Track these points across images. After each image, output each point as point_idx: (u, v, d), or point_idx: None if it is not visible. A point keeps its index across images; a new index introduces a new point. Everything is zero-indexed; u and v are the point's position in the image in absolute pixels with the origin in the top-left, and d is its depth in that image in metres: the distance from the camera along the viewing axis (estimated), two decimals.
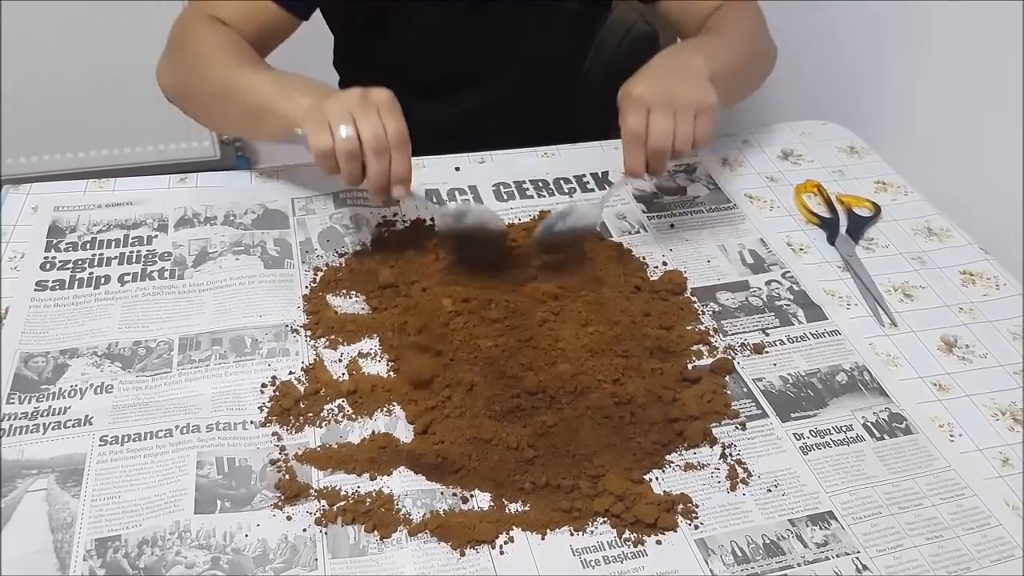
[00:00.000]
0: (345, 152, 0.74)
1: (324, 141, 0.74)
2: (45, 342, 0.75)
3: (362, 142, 0.74)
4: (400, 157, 0.75)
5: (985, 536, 0.65)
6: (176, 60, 0.95)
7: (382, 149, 0.74)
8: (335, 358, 0.75)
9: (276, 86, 0.83)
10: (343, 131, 0.73)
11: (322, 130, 0.74)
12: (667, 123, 0.79)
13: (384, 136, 0.74)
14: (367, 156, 0.74)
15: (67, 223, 0.88)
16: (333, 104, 0.75)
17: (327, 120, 0.74)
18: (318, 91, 0.80)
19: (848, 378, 0.77)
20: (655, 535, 0.63)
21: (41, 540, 0.60)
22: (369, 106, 0.75)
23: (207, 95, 0.91)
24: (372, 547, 0.61)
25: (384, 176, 0.75)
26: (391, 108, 0.76)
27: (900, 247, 0.94)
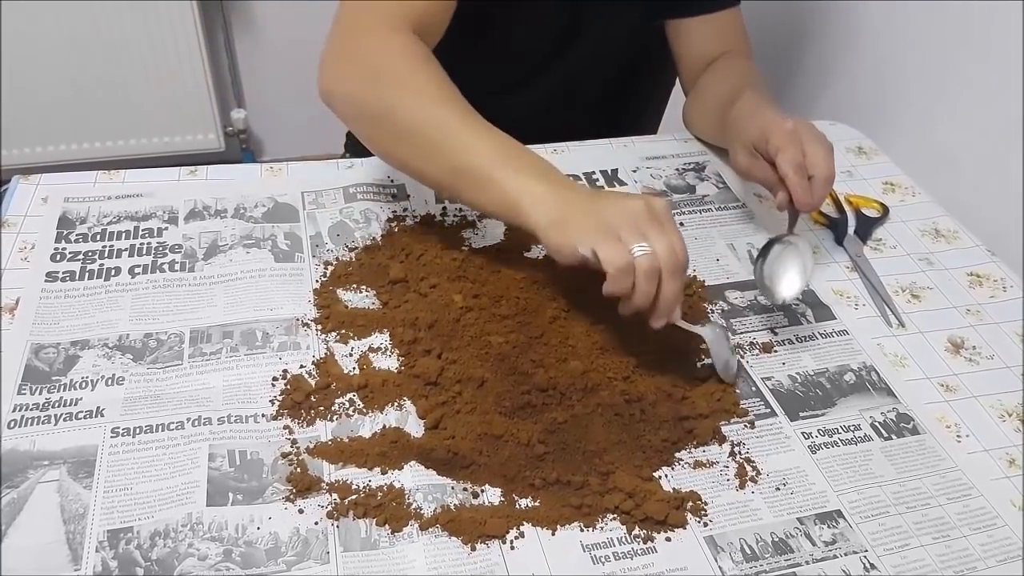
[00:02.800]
0: (647, 272, 0.66)
1: (621, 257, 0.66)
2: (56, 333, 0.75)
3: (661, 260, 0.66)
4: (682, 279, 0.68)
5: (991, 536, 0.65)
6: (359, 68, 0.80)
7: (679, 268, 0.67)
8: (346, 352, 0.76)
9: (501, 155, 0.73)
10: (638, 249, 0.66)
11: (613, 245, 0.66)
12: (827, 156, 0.81)
13: (681, 253, 0.67)
14: (664, 276, 0.66)
15: (77, 214, 0.88)
16: (617, 215, 0.67)
17: (617, 234, 0.66)
18: (547, 176, 0.72)
19: (856, 378, 0.77)
20: (665, 532, 0.63)
21: (53, 531, 0.60)
22: (656, 220, 0.67)
23: (403, 133, 0.77)
24: (383, 541, 0.61)
25: (680, 298, 0.69)
26: (673, 222, 0.69)
27: (908, 248, 0.94)
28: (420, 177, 0.80)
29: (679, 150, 1.07)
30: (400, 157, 0.80)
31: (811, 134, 0.83)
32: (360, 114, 0.81)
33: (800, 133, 0.82)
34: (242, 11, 2.16)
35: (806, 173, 0.81)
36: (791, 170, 0.80)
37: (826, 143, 0.83)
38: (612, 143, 1.08)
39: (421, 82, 0.77)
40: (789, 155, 0.81)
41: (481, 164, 0.73)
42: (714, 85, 1.05)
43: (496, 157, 0.73)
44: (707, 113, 1.04)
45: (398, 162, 0.81)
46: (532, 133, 1.06)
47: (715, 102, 1.00)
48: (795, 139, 0.82)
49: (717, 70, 1.07)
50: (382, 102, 0.78)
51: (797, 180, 0.80)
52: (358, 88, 0.80)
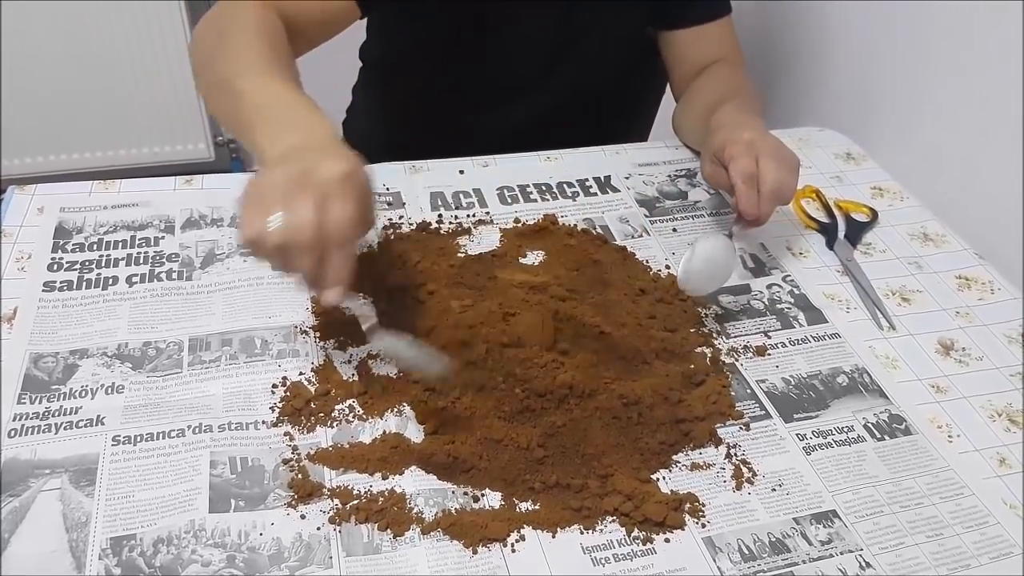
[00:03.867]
0: (273, 246, 0.61)
1: (251, 228, 0.61)
2: (54, 343, 0.75)
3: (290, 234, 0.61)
4: (335, 256, 0.62)
5: (984, 534, 0.66)
6: (208, 27, 0.88)
7: (308, 245, 0.61)
8: (344, 359, 0.76)
9: (268, 107, 0.73)
10: (271, 219, 0.60)
11: (253, 212, 0.62)
12: (778, 170, 0.82)
13: (311, 230, 0.60)
14: (292, 251, 0.61)
15: (73, 224, 0.88)
16: (272, 180, 0.62)
17: (262, 198, 0.62)
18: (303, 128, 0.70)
19: (849, 380, 0.78)
20: (663, 533, 0.64)
21: (56, 539, 0.60)
22: (309, 187, 0.61)
23: (211, 79, 0.82)
24: (386, 545, 0.62)
25: (312, 275, 0.63)
26: (338, 191, 0.62)
27: (897, 252, 0.95)
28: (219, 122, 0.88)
29: (671, 156, 1.08)
30: (210, 103, 0.85)
31: (768, 149, 0.84)
32: (198, 65, 0.87)
33: (756, 146, 0.84)
34: None
35: (755, 184, 0.82)
36: (739, 179, 0.82)
37: (786, 161, 0.84)
38: (604, 150, 1.09)
39: (245, 45, 0.81)
40: (740, 165, 0.83)
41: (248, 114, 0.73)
42: (701, 93, 1.07)
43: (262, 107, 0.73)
44: (692, 121, 1.05)
45: (209, 108, 0.87)
46: (525, 142, 1.07)
47: (700, 110, 1.02)
48: (749, 150, 0.83)
49: (705, 78, 1.09)
50: (212, 60, 0.83)
51: (743, 189, 0.82)
52: (202, 43, 0.88)
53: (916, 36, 1.13)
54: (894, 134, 1.17)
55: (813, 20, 1.33)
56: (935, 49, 1.10)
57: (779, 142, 0.86)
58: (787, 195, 0.84)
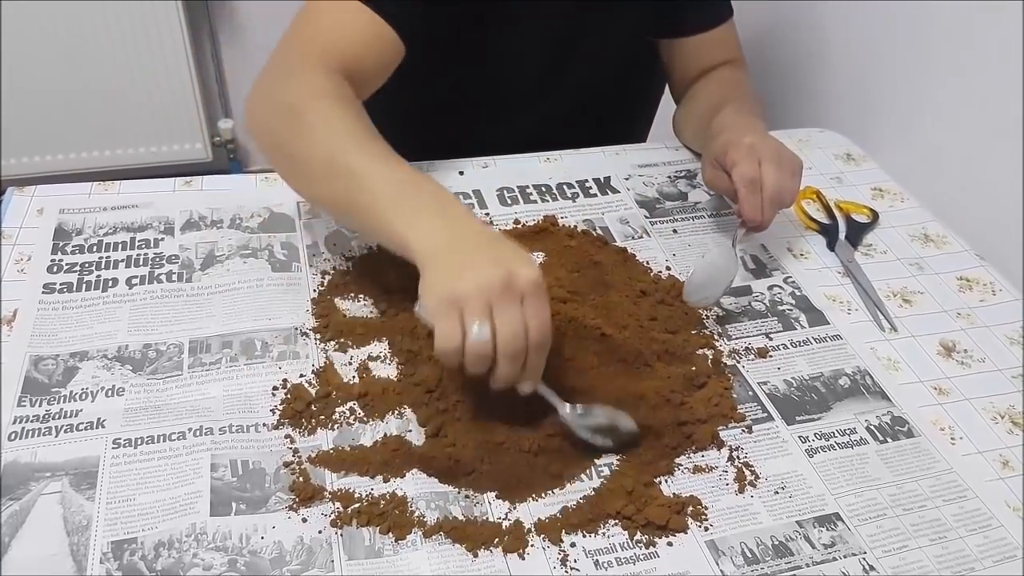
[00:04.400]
0: (476, 357, 0.61)
1: (453, 339, 0.60)
2: (54, 345, 0.75)
3: (497, 343, 0.61)
4: (536, 358, 0.63)
5: (987, 537, 0.66)
6: (276, 102, 0.80)
7: (520, 354, 0.61)
8: (345, 361, 0.76)
9: (396, 190, 0.69)
10: (476, 331, 0.60)
11: (451, 322, 0.61)
12: (779, 174, 0.82)
13: (524, 338, 0.61)
14: (500, 359, 0.61)
15: (73, 225, 0.88)
16: (468, 286, 0.61)
17: (459, 309, 0.61)
18: (445, 214, 0.68)
19: (851, 382, 0.78)
20: (666, 537, 0.64)
21: (57, 543, 0.60)
22: (513, 296, 0.61)
23: (307, 164, 0.76)
24: (387, 549, 0.62)
25: (514, 378, 0.63)
26: (538, 297, 0.62)
27: (898, 253, 0.95)
28: (323, 208, 0.80)
29: (671, 158, 1.08)
30: (304, 188, 0.80)
31: (770, 153, 0.84)
32: (273, 146, 0.80)
33: (757, 150, 0.84)
34: (229, 21, 2.16)
35: (758, 189, 0.82)
36: (742, 184, 0.82)
37: (787, 164, 0.84)
38: (604, 151, 1.08)
39: (326, 115, 0.76)
40: (742, 170, 0.83)
41: (373, 199, 0.70)
42: (702, 96, 1.06)
43: (388, 191, 0.69)
44: (694, 123, 1.05)
45: (303, 192, 0.81)
46: (525, 144, 1.07)
47: (701, 113, 1.02)
48: (751, 154, 0.83)
49: (707, 81, 1.09)
50: (291, 136, 0.77)
51: (746, 194, 0.82)
52: (273, 122, 0.80)
53: (916, 37, 1.13)
54: (894, 135, 1.16)
55: (813, 21, 1.33)
56: (935, 50, 1.10)
57: (781, 145, 0.86)
58: (789, 199, 0.84)
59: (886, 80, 1.19)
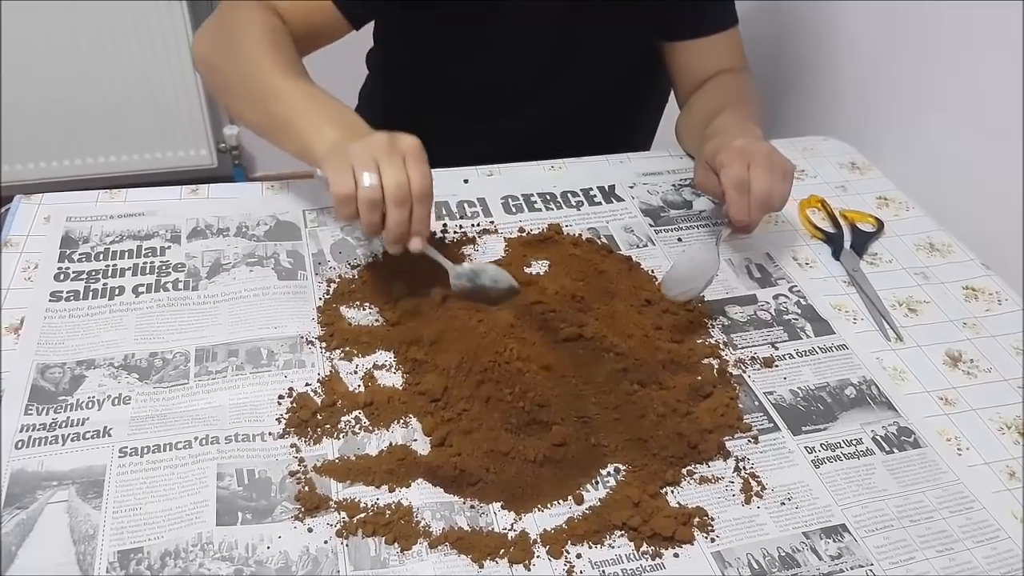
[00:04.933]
0: (367, 200, 0.71)
1: (346, 187, 0.71)
2: (61, 353, 0.75)
3: (384, 191, 0.71)
4: (421, 209, 0.73)
5: (995, 548, 0.66)
6: (217, 35, 0.93)
7: (404, 199, 0.71)
8: (350, 370, 0.76)
9: (307, 106, 0.81)
10: (366, 178, 0.71)
11: (344, 175, 0.72)
12: (768, 177, 0.83)
13: (407, 186, 0.71)
14: (388, 206, 0.71)
15: (80, 233, 0.88)
16: (358, 148, 0.73)
17: (350, 164, 0.72)
18: (346, 125, 0.79)
19: (857, 392, 0.78)
20: (673, 548, 0.64)
21: (64, 552, 0.60)
22: (395, 153, 0.72)
23: (237, 83, 0.88)
24: (393, 559, 0.62)
25: (403, 227, 0.73)
26: (418, 157, 0.73)
27: (903, 262, 0.95)
28: (248, 125, 0.89)
29: (675, 166, 1.08)
30: (234, 108, 0.90)
31: (759, 155, 0.84)
32: (210, 71, 0.93)
33: (747, 152, 0.84)
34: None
35: (746, 191, 0.82)
36: (729, 185, 0.83)
37: (778, 168, 0.84)
38: (609, 159, 1.09)
39: (255, 41, 0.87)
40: (731, 172, 0.83)
41: (286, 111, 0.82)
42: (702, 102, 1.07)
43: (298, 104, 0.82)
44: (692, 129, 1.06)
45: (235, 113, 0.91)
46: (528, 150, 1.07)
47: (700, 118, 1.02)
48: (741, 157, 0.84)
49: (708, 87, 1.09)
50: (227, 61, 0.90)
51: (734, 196, 0.83)
52: (212, 50, 0.93)
53: (922, 46, 1.13)
54: (899, 144, 1.16)
55: (818, 29, 1.33)
56: (941, 59, 1.10)
57: (772, 149, 0.86)
58: (777, 202, 0.84)
59: (891, 89, 1.19)
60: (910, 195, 1.06)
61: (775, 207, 0.85)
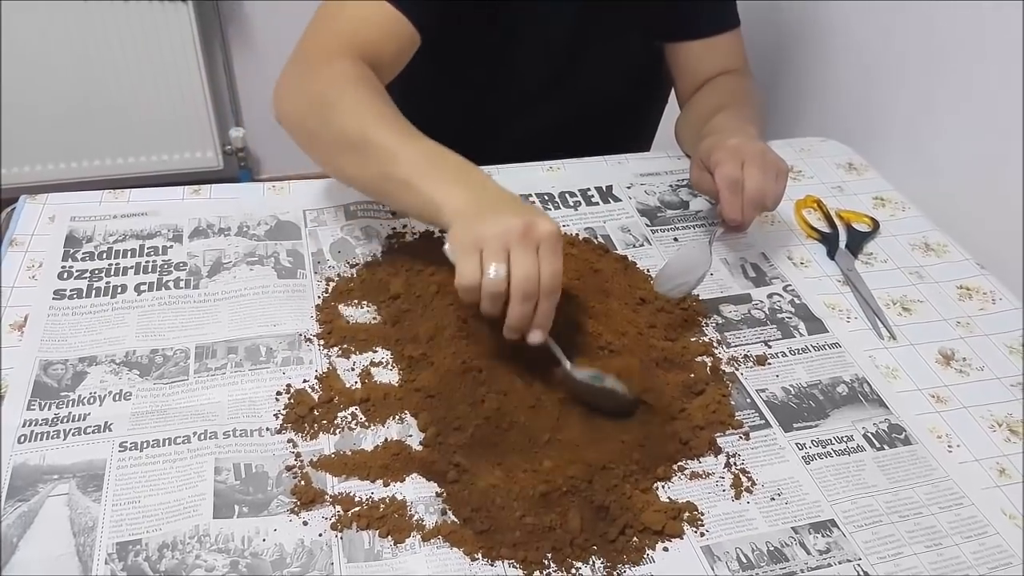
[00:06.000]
0: (490, 294, 0.67)
1: (471, 276, 0.67)
2: (64, 350, 0.76)
3: (511, 282, 0.66)
4: (546, 304, 0.68)
5: (983, 544, 0.67)
6: (306, 94, 0.86)
7: (531, 294, 0.66)
8: (348, 367, 0.77)
9: (428, 166, 0.76)
10: (493, 270, 0.66)
11: (471, 263, 0.67)
12: (761, 177, 0.83)
13: (536, 281, 0.66)
14: (512, 299, 0.66)
15: (83, 233, 0.90)
16: (491, 232, 0.67)
17: (480, 250, 0.67)
18: (473, 184, 0.74)
19: (849, 389, 0.79)
20: (662, 542, 0.65)
21: (64, 544, 0.61)
22: (530, 243, 0.67)
23: (341, 145, 0.82)
24: (386, 552, 0.63)
25: (525, 321, 0.68)
26: (553, 248, 0.68)
27: (898, 262, 0.96)
28: (356, 185, 0.84)
29: (673, 166, 1.09)
30: (337, 168, 0.85)
31: (753, 155, 0.85)
32: (303, 131, 0.86)
33: (741, 151, 0.85)
34: (240, 30, 2.19)
35: (739, 190, 0.83)
36: (723, 184, 0.84)
37: (771, 167, 0.85)
38: (607, 160, 1.09)
39: (355, 99, 0.82)
40: (724, 171, 0.84)
41: (406, 171, 0.75)
42: (701, 103, 1.08)
43: (419, 163, 0.76)
44: (690, 129, 1.06)
45: (337, 173, 0.86)
46: (529, 153, 1.08)
47: (698, 119, 1.03)
48: (735, 156, 0.85)
49: (708, 89, 1.10)
50: (321, 119, 0.83)
51: (727, 195, 0.84)
52: (302, 109, 0.86)
53: (919, 46, 1.13)
54: (896, 144, 1.17)
55: (816, 30, 1.34)
56: (938, 59, 1.11)
57: (766, 148, 0.87)
58: (770, 202, 0.85)
59: (889, 89, 1.19)
60: (907, 196, 1.07)
61: (768, 206, 0.86)
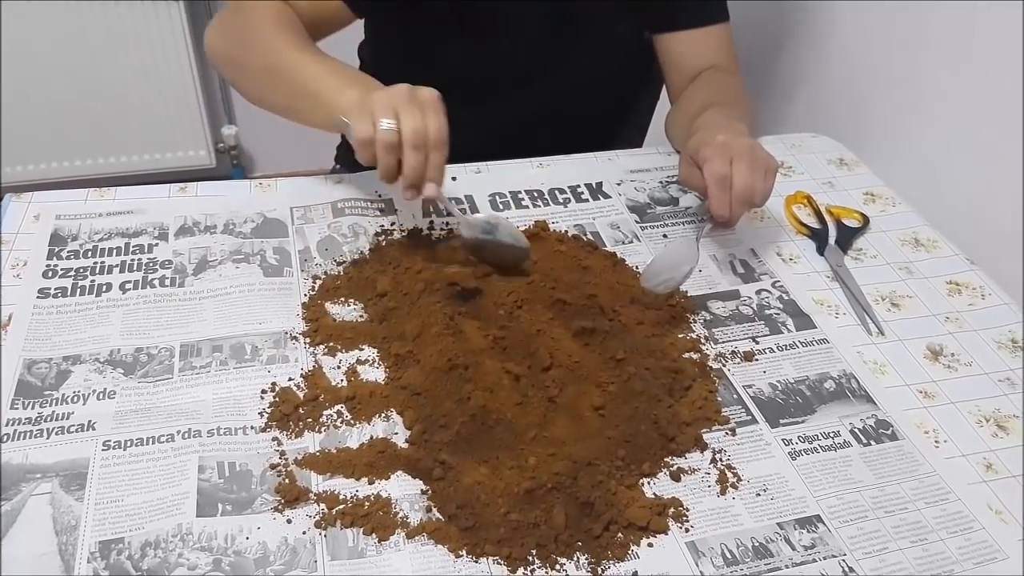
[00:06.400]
0: (384, 143, 0.76)
1: (366, 130, 0.76)
2: (48, 349, 0.76)
3: (402, 136, 0.75)
4: (436, 156, 0.77)
5: (968, 539, 0.67)
6: (230, 28, 0.98)
7: (420, 145, 0.76)
8: (334, 365, 0.77)
9: (329, 74, 0.86)
10: (384, 123, 0.75)
11: (365, 120, 0.77)
12: (750, 173, 0.83)
13: (424, 132, 0.76)
14: (405, 150, 0.76)
15: (69, 231, 0.89)
16: (380, 96, 0.78)
17: (371, 111, 0.77)
18: (368, 85, 0.83)
19: (836, 385, 0.79)
20: (647, 538, 0.64)
21: (46, 543, 0.61)
22: (415, 102, 0.77)
23: (257, 69, 0.93)
24: (370, 549, 0.62)
25: (419, 172, 0.77)
26: (436, 107, 0.78)
27: (888, 257, 0.96)
28: (273, 106, 0.94)
29: (663, 163, 1.09)
30: (258, 93, 0.95)
31: (742, 151, 0.85)
32: (229, 61, 0.98)
33: (730, 147, 0.84)
34: None
35: (727, 186, 0.83)
36: (711, 180, 0.84)
37: (760, 164, 0.85)
38: (597, 156, 1.09)
39: (274, 31, 0.92)
40: (713, 166, 0.84)
41: (312, 85, 0.86)
42: (690, 99, 1.07)
43: (322, 77, 0.86)
44: (680, 125, 1.06)
45: (258, 99, 0.96)
46: (517, 146, 1.07)
47: (687, 115, 1.03)
48: (723, 152, 0.84)
49: (697, 84, 1.09)
50: (245, 49, 0.95)
51: (715, 191, 0.84)
52: (228, 41, 0.98)
53: (910, 42, 1.13)
54: (887, 140, 1.17)
55: (806, 26, 1.34)
56: (929, 55, 1.10)
57: (754, 144, 0.87)
58: (759, 198, 0.85)
59: (880, 85, 1.19)
60: (898, 191, 1.07)
61: (756, 203, 0.86)
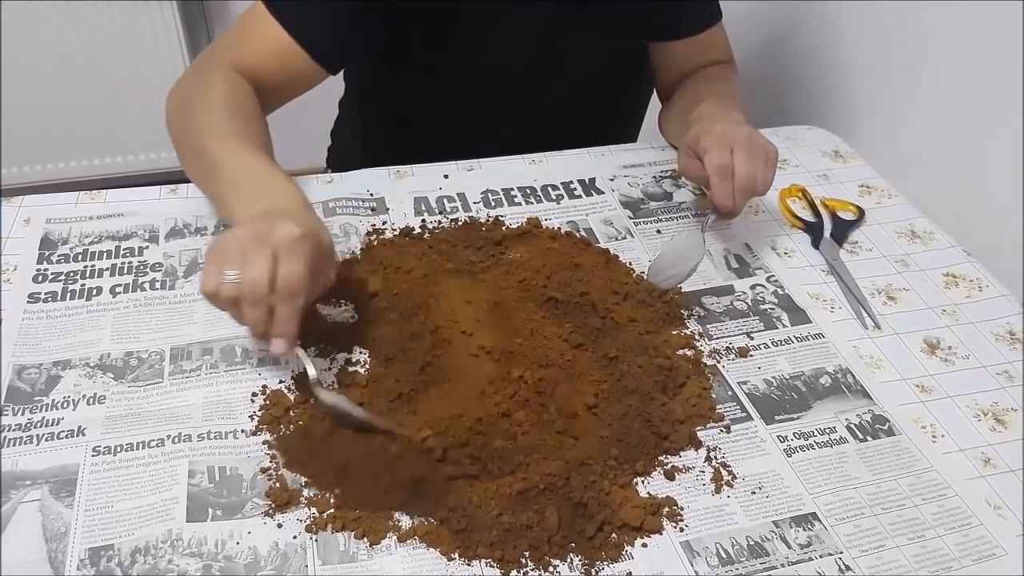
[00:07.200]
0: (225, 298, 0.67)
1: (210, 283, 0.67)
2: (38, 354, 0.76)
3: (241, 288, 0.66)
4: (284, 310, 0.67)
5: (966, 536, 0.66)
6: (183, 92, 0.92)
7: (258, 298, 0.65)
8: (325, 367, 0.76)
9: (240, 183, 0.79)
10: (228, 275, 0.66)
11: (212, 267, 0.67)
12: (751, 162, 0.83)
13: (265, 284, 0.65)
14: (243, 304, 0.66)
15: (59, 235, 0.89)
16: (232, 239, 0.68)
17: (220, 258, 0.67)
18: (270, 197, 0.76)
19: (832, 380, 0.78)
20: (641, 538, 0.64)
21: (36, 550, 0.61)
22: (264, 247, 0.66)
23: (190, 149, 0.87)
24: (362, 553, 0.62)
25: (261, 326, 0.67)
26: (290, 251, 0.66)
27: (884, 250, 0.95)
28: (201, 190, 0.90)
29: (656, 158, 1.08)
30: (189, 173, 0.90)
31: (741, 140, 0.84)
32: (172, 132, 0.92)
33: (729, 137, 0.84)
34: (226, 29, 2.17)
35: (729, 176, 0.83)
36: (713, 171, 0.83)
37: (760, 152, 0.84)
38: (590, 152, 1.08)
39: (212, 113, 0.85)
40: (714, 157, 0.83)
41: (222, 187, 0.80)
42: (685, 93, 1.07)
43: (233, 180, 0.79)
44: (675, 119, 1.05)
45: (190, 177, 0.90)
46: (512, 146, 1.07)
47: (682, 108, 1.02)
48: (723, 142, 0.84)
49: (692, 78, 1.09)
50: (183, 126, 0.89)
51: (717, 181, 0.83)
52: (174, 111, 0.92)
53: (905, 34, 1.12)
54: (883, 132, 1.16)
55: (802, 18, 1.33)
56: (924, 47, 1.09)
57: (753, 133, 0.86)
58: (761, 187, 0.84)
59: (875, 77, 1.18)
60: (894, 184, 1.06)
61: (759, 191, 0.85)
